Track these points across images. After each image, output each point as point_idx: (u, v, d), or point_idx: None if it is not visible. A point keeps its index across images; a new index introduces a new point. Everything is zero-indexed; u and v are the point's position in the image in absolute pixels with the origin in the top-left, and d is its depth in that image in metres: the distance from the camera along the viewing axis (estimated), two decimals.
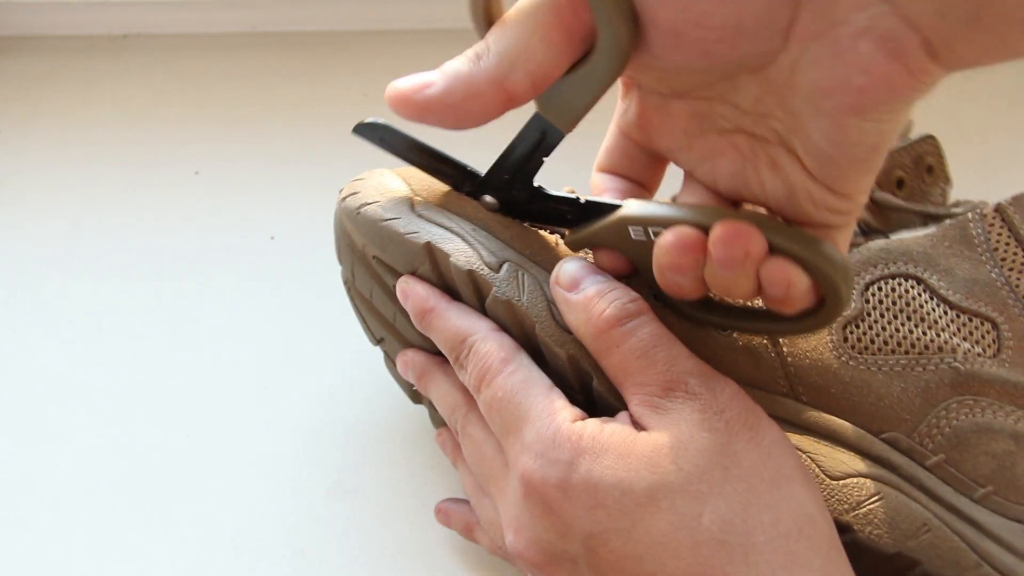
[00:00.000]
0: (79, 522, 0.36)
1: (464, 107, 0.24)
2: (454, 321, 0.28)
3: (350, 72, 0.55)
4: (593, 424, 0.24)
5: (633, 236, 0.25)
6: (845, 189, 0.22)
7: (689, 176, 0.26)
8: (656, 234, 0.24)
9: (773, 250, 0.23)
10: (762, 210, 0.24)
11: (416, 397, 0.36)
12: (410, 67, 0.58)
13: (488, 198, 0.29)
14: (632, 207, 0.25)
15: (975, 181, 0.37)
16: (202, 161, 0.50)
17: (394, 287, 0.30)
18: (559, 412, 0.25)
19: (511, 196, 0.28)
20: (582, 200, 0.27)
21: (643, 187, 0.28)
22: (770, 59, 0.20)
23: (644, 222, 0.25)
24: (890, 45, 0.18)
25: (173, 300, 0.43)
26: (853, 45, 0.19)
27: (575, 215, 0.27)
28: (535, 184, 0.28)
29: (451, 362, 0.29)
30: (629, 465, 0.23)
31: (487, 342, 0.27)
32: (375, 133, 0.28)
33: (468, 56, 0.24)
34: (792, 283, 0.22)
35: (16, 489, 0.37)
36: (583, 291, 0.26)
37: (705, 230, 0.23)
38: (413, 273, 0.29)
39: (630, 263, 0.27)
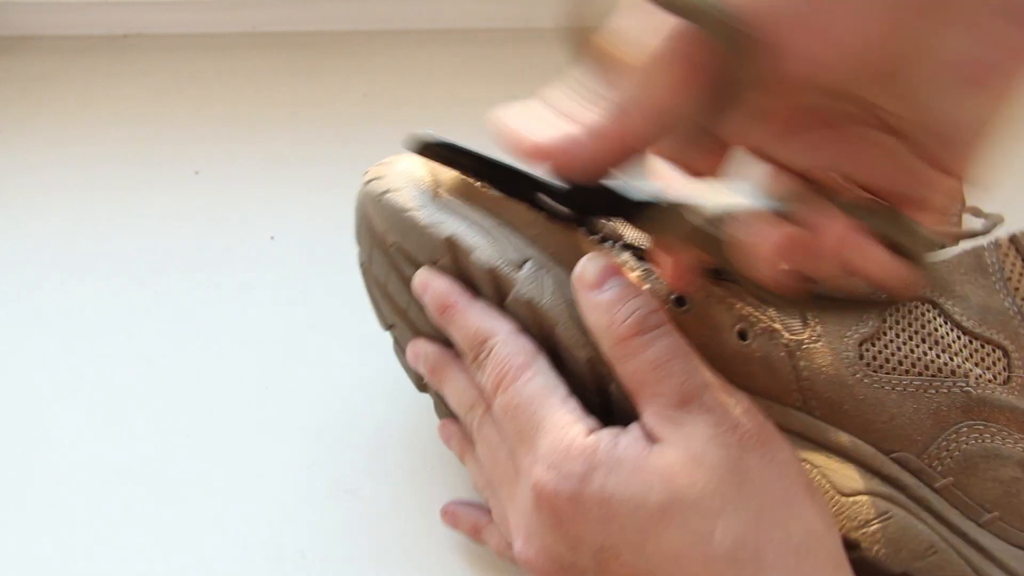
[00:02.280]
0: (79, 522, 0.36)
1: (606, 162, 0.23)
2: (475, 319, 0.28)
3: (350, 72, 0.55)
4: (607, 437, 0.24)
5: (708, 229, 0.24)
6: (953, 167, 0.22)
7: (767, 160, 0.25)
8: (737, 225, 0.23)
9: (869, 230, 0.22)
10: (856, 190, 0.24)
11: (422, 386, 0.36)
12: (410, 67, 0.58)
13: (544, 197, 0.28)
14: (722, 199, 0.24)
15: (996, 197, 0.37)
16: (202, 161, 0.50)
17: (410, 277, 0.30)
18: (574, 423, 0.25)
19: (578, 196, 0.27)
20: (657, 199, 0.25)
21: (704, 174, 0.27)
22: (895, 62, 0.20)
23: (736, 216, 0.23)
24: (1019, 14, 0.18)
25: (173, 300, 0.43)
26: (988, 21, 0.19)
27: (639, 209, 0.26)
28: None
29: (469, 360, 0.28)
30: (642, 479, 0.23)
31: (507, 345, 0.27)
32: (434, 151, 0.27)
33: (612, 114, 0.22)
34: (889, 268, 0.22)
35: (16, 489, 0.37)
36: (606, 293, 0.25)
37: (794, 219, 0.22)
38: (433, 264, 0.29)
39: (697, 252, 0.26)
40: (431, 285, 0.29)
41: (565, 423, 0.25)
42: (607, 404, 0.28)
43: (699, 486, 0.23)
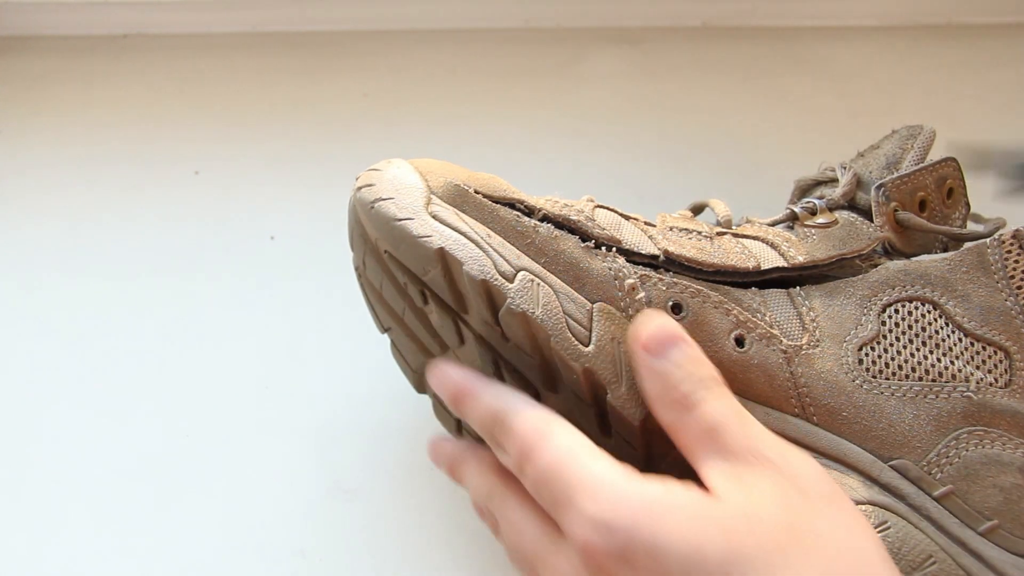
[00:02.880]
0: (79, 522, 0.36)
1: None
2: (487, 402, 0.27)
3: (350, 72, 0.55)
4: (656, 487, 0.23)
5: None
6: None
7: None
8: None
9: None
10: None
11: (420, 386, 0.36)
12: (410, 67, 0.58)
13: None
14: None
15: (995, 199, 0.37)
16: (202, 161, 0.50)
17: (404, 283, 0.30)
18: (613, 476, 0.23)
19: None
20: None
21: None
22: None
23: None
24: None
25: (173, 300, 0.43)
26: None
27: None
28: None
29: (490, 446, 0.28)
30: (700, 533, 0.22)
31: (520, 416, 0.26)
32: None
33: None
34: None
35: (16, 489, 0.37)
36: (664, 360, 0.25)
37: None
38: (423, 276, 0.29)
39: None
40: (443, 377, 0.28)
41: (603, 478, 0.23)
42: (603, 415, 0.28)
43: (761, 542, 0.21)
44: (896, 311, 0.29)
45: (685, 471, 0.29)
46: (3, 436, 0.38)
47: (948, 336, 0.28)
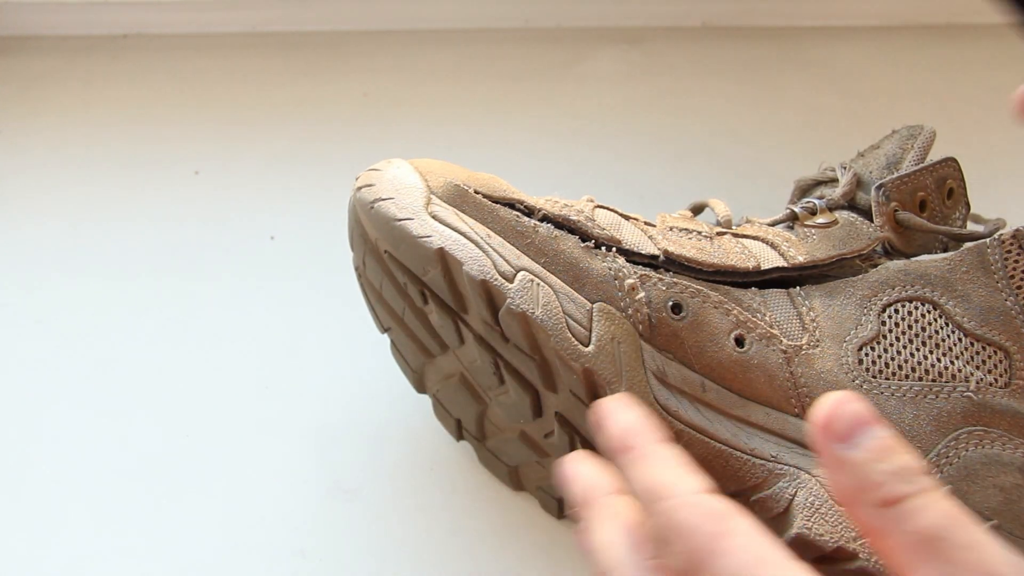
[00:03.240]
0: (79, 522, 0.36)
1: None
2: (653, 473, 0.23)
3: (350, 72, 0.55)
4: None
5: None
6: None
7: None
8: None
9: None
10: None
11: (421, 386, 0.36)
12: (410, 67, 0.58)
13: None
14: None
15: (994, 199, 0.37)
16: (202, 161, 0.50)
17: (404, 283, 0.30)
18: None
19: None
20: None
21: None
22: None
23: None
24: None
25: (173, 300, 0.43)
26: None
27: None
28: None
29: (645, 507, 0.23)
30: None
31: (691, 511, 0.21)
32: None
33: None
34: None
35: (16, 489, 0.37)
36: (858, 450, 0.21)
37: None
38: (423, 276, 0.29)
39: None
40: (615, 418, 0.24)
41: None
42: None
43: None
44: (896, 311, 0.29)
45: None
46: (3, 436, 0.38)
47: (948, 336, 0.28)
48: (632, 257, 0.29)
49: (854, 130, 0.50)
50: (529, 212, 0.30)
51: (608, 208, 0.31)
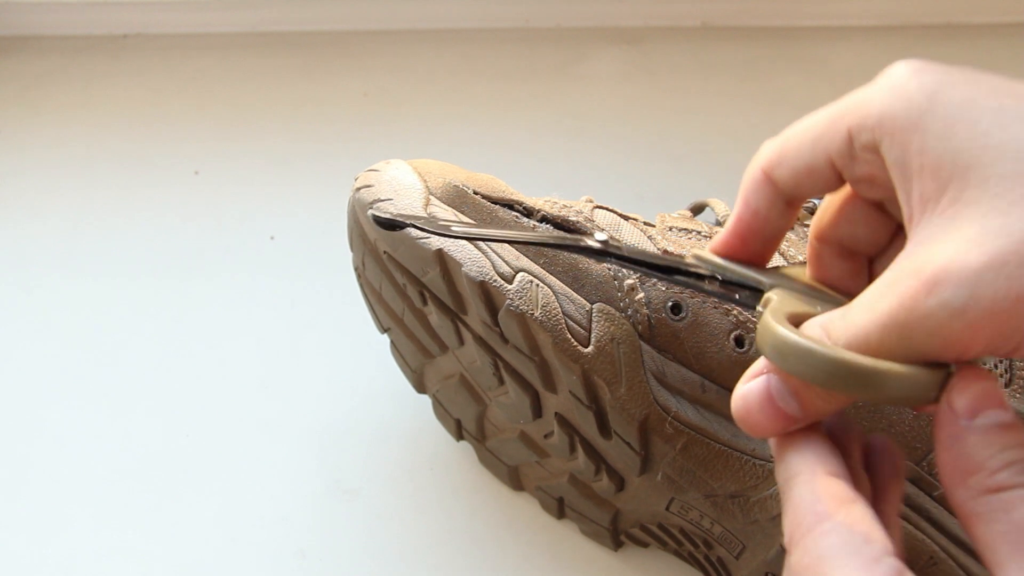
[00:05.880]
0: (78, 521, 0.36)
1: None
2: (790, 452, 0.23)
3: (350, 72, 0.55)
4: None
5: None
6: None
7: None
8: None
9: None
10: None
11: (420, 386, 0.36)
12: (410, 67, 0.58)
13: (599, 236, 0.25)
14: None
15: None
16: (202, 161, 0.50)
17: (404, 284, 0.30)
18: None
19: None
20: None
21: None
22: None
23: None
24: None
25: (173, 300, 0.43)
26: None
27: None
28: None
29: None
30: None
31: (806, 487, 0.22)
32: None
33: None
34: None
35: (16, 489, 0.37)
36: (975, 423, 0.20)
37: None
38: (422, 277, 0.29)
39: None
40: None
41: None
42: (603, 416, 0.28)
43: None
44: None
45: (684, 473, 0.29)
46: (3, 436, 0.39)
47: None
48: (629, 263, 0.29)
49: None
50: (528, 213, 0.30)
51: (607, 208, 0.31)
